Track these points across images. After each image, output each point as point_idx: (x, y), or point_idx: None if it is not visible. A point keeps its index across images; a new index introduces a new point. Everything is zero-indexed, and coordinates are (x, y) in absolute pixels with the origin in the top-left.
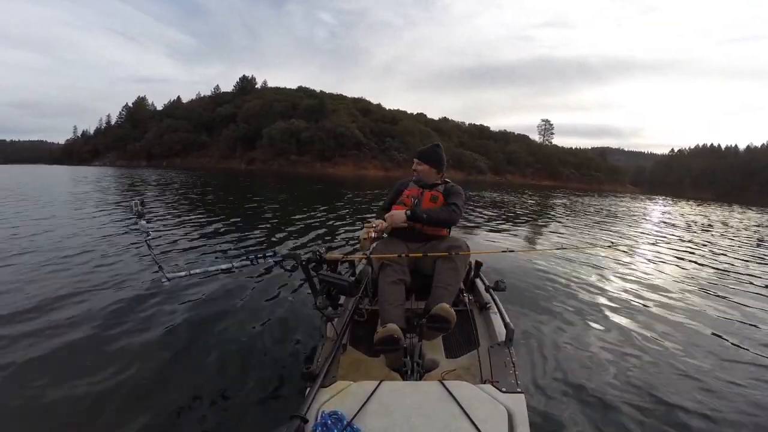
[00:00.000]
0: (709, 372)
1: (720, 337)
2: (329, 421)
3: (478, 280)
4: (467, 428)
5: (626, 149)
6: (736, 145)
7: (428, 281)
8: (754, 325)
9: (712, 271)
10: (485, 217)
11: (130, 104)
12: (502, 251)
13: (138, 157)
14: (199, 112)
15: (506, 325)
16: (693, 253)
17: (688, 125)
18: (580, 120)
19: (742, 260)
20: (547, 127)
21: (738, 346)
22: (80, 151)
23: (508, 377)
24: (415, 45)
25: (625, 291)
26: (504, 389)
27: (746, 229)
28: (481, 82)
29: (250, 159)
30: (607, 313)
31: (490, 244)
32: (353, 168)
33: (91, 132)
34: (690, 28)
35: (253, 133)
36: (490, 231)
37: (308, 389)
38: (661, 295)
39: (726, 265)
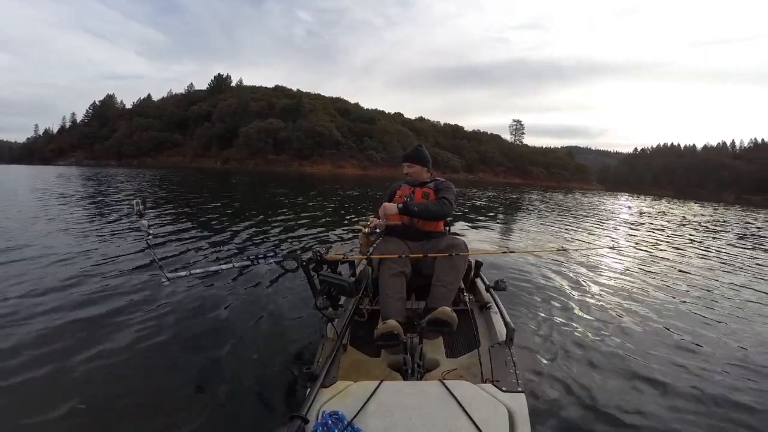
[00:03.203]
0: (716, 370)
1: (728, 335)
2: (330, 421)
3: (478, 280)
4: (468, 428)
5: (594, 148)
6: (694, 145)
7: (428, 281)
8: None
9: (707, 266)
10: (478, 215)
11: (97, 102)
12: (503, 252)
13: (107, 156)
14: (171, 111)
15: (507, 324)
16: (689, 250)
17: (652, 125)
18: (552, 120)
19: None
20: (518, 127)
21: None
22: (43, 150)
23: (509, 377)
24: (395, 45)
25: (627, 290)
26: (505, 389)
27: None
28: (457, 83)
29: (225, 158)
30: (609, 312)
31: (490, 244)
32: (331, 167)
33: (55, 131)
34: (657, 34)
35: (229, 132)
36: (489, 231)
37: (309, 389)
38: (663, 293)
39: (720, 258)
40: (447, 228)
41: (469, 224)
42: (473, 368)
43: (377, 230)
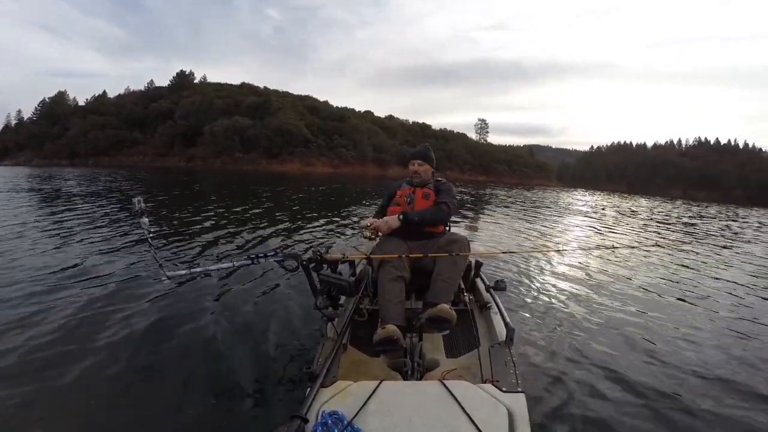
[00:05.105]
0: (719, 369)
1: (731, 333)
2: (330, 421)
3: (478, 280)
4: (468, 428)
5: (554, 146)
6: (645, 143)
7: (428, 281)
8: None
9: (710, 266)
10: (464, 211)
11: (47, 99)
12: (503, 252)
13: (58, 155)
14: (130, 108)
15: (507, 324)
16: (687, 248)
17: (607, 124)
18: (515, 119)
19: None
20: (483, 126)
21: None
22: None
23: (509, 377)
24: (367, 44)
25: (626, 288)
26: (504, 389)
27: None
28: (426, 82)
29: (189, 156)
30: (608, 311)
31: (490, 244)
32: (300, 165)
33: None
34: (615, 37)
35: (192, 129)
36: (488, 231)
37: (309, 389)
38: (662, 292)
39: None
40: (447, 227)
41: (464, 224)
42: (473, 368)
43: (380, 235)
